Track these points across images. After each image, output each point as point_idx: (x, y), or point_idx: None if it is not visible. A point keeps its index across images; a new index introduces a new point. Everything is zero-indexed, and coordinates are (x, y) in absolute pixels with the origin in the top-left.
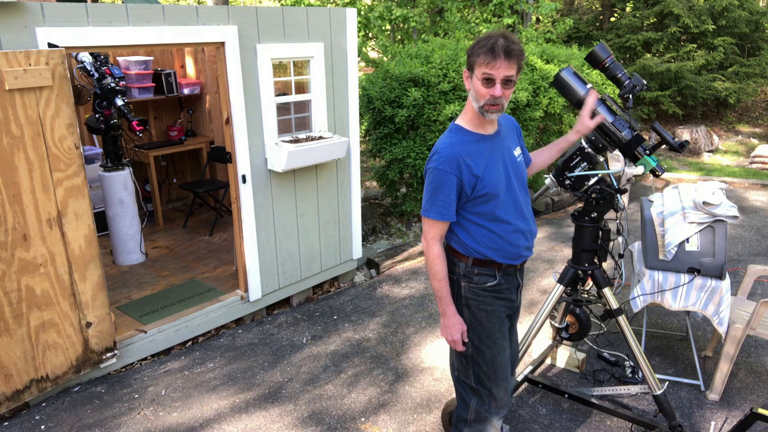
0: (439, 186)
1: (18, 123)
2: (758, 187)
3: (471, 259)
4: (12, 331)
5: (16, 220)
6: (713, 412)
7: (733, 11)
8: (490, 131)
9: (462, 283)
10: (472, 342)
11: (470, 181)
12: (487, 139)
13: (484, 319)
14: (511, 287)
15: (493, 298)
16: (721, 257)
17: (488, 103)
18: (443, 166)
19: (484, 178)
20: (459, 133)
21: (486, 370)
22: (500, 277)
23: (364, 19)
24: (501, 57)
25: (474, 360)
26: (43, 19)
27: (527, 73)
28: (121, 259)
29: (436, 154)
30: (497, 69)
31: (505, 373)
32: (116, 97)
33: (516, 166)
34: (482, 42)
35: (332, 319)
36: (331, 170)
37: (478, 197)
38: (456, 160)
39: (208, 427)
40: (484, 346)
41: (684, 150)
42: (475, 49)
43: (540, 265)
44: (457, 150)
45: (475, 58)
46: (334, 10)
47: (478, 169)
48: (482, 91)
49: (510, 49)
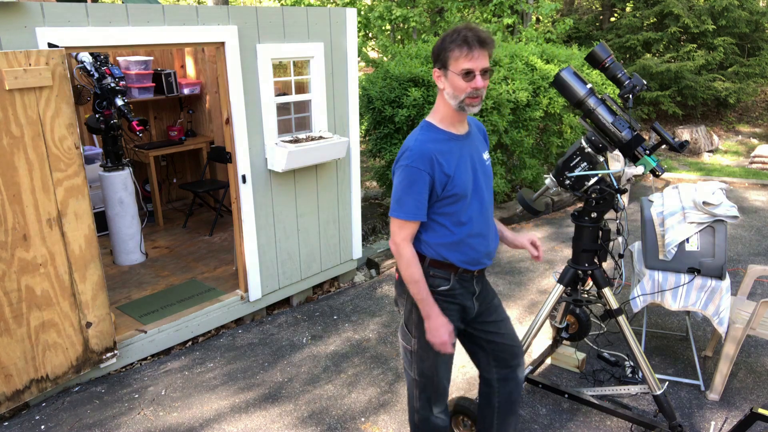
0: (410, 184)
1: (18, 123)
2: (758, 187)
3: (428, 260)
4: (12, 331)
5: (16, 220)
6: (713, 412)
7: (733, 11)
8: (462, 131)
9: None
10: (418, 339)
11: (441, 180)
12: (458, 138)
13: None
14: (466, 293)
15: (444, 302)
16: (721, 257)
17: (469, 96)
18: (416, 164)
19: (455, 177)
20: (431, 130)
21: (429, 365)
22: (454, 281)
23: (364, 19)
24: (477, 47)
25: (418, 355)
26: (43, 19)
27: (527, 73)
28: (121, 259)
29: (408, 151)
30: (475, 60)
31: (443, 369)
32: (116, 97)
33: (485, 169)
34: (452, 37)
35: (332, 319)
36: (331, 170)
37: (447, 197)
38: (429, 157)
39: (208, 427)
40: (428, 345)
41: (684, 150)
42: (446, 45)
43: (540, 265)
44: (429, 147)
45: (448, 54)
46: (334, 10)
47: (450, 169)
48: (462, 85)
49: (483, 38)
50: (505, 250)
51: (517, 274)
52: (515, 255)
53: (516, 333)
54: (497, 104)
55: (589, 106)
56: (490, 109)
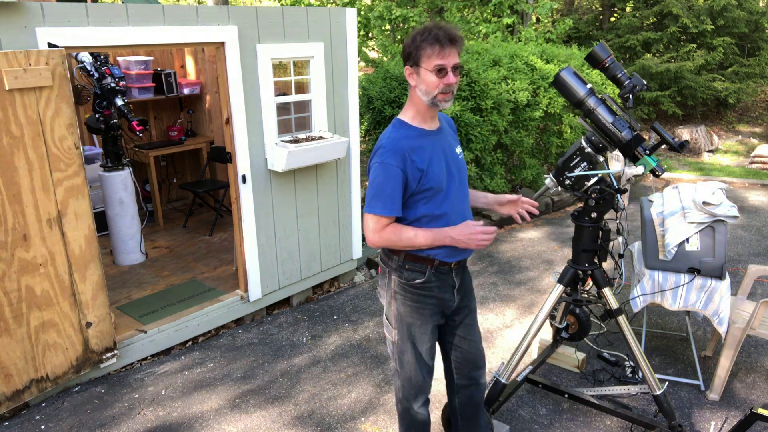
0: (384, 180)
1: (18, 123)
2: (758, 187)
3: (404, 254)
4: (12, 331)
5: (16, 220)
6: (713, 412)
7: (732, 11)
8: (433, 127)
9: (393, 276)
10: (398, 331)
11: (415, 176)
12: (430, 134)
13: (405, 313)
14: (444, 286)
15: (420, 296)
16: (721, 257)
17: (441, 92)
18: (388, 160)
19: (428, 172)
20: (402, 127)
21: (408, 357)
22: (430, 274)
23: (364, 19)
24: (448, 45)
25: (399, 347)
26: (43, 19)
27: (527, 73)
28: (121, 259)
29: (381, 148)
30: (447, 57)
31: (421, 362)
32: (116, 97)
33: (457, 163)
34: (422, 35)
35: (332, 319)
36: (331, 170)
37: (422, 191)
38: (401, 154)
39: (208, 427)
40: (407, 337)
41: (684, 150)
42: (417, 43)
43: (540, 265)
44: (401, 144)
45: (420, 52)
46: (334, 10)
47: (423, 163)
48: (434, 81)
49: (453, 36)
50: (506, 251)
51: (517, 273)
52: (515, 255)
53: (481, 341)
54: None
55: (589, 106)
56: (490, 109)
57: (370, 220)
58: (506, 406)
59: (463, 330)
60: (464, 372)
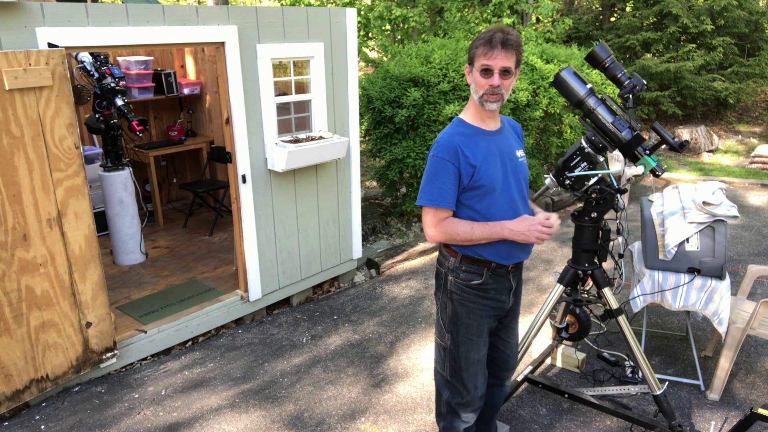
0: (435, 173)
1: (18, 123)
2: (758, 187)
3: (461, 256)
4: (12, 331)
5: (16, 220)
6: (713, 412)
7: (732, 11)
8: (492, 127)
9: (449, 277)
10: (452, 335)
11: (467, 171)
12: (487, 134)
13: (463, 314)
14: (501, 288)
15: (477, 297)
16: (721, 257)
17: (487, 92)
18: (441, 154)
19: (481, 169)
20: (460, 125)
21: (460, 364)
22: (487, 276)
23: (364, 19)
24: (498, 48)
25: (451, 353)
26: (43, 19)
27: (527, 73)
28: (121, 259)
29: (436, 143)
30: (494, 59)
31: (475, 370)
32: (116, 97)
33: (516, 165)
34: (481, 36)
35: (332, 319)
36: (331, 170)
37: (474, 188)
38: (454, 148)
39: (208, 426)
40: (460, 341)
41: (684, 150)
42: (475, 43)
43: (540, 265)
44: (456, 140)
45: (474, 51)
46: (334, 10)
47: (476, 160)
48: (481, 81)
49: (506, 40)
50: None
51: None
52: None
53: (517, 343)
54: None
55: (589, 106)
56: None
57: (425, 214)
58: (506, 406)
59: (504, 332)
60: (494, 371)
